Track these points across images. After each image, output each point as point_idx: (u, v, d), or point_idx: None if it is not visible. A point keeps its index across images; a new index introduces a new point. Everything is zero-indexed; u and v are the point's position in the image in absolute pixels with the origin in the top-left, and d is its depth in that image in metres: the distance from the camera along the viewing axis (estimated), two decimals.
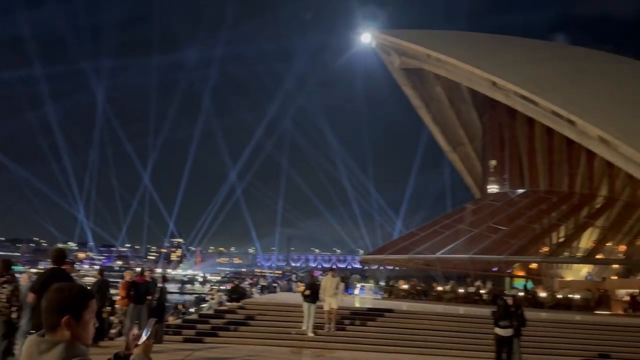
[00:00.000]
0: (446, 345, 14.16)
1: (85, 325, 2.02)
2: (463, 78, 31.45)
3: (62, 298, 2.02)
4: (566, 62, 31.50)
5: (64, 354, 1.91)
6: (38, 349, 1.94)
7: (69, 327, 1.96)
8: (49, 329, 1.99)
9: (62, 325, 1.96)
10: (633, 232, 30.50)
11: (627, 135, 23.66)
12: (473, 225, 30.51)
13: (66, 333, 1.96)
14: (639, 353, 14.58)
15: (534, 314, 18.13)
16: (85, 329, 2.02)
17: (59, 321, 1.97)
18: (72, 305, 2.00)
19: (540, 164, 33.47)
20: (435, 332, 15.20)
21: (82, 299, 2.04)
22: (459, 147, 40.23)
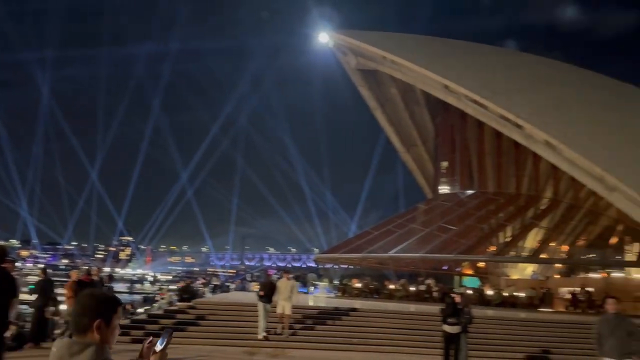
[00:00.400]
0: (397, 342, 14.38)
1: (114, 329, 2.15)
2: (417, 80, 32.07)
3: (94, 303, 2.14)
4: (515, 68, 32.66)
5: (95, 356, 2.03)
6: (69, 351, 2.04)
7: (99, 331, 2.08)
8: (80, 332, 2.09)
9: (93, 328, 2.08)
10: (575, 233, 31.93)
11: (571, 139, 24.74)
12: (425, 225, 31.18)
13: (96, 336, 2.08)
14: (579, 349, 15.29)
15: (481, 311, 18.70)
16: (113, 333, 2.15)
17: (91, 324, 2.08)
18: (104, 310, 2.13)
19: (489, 166, 34.63)
20: (386, 329, 15.40)
21: (112, 305, 2.17)
22: (412, 148, 41.02)
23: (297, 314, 15.29)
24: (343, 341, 14.32)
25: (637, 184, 22.26)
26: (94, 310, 2.12)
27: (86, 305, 2.14)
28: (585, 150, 23.96)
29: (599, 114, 27.52)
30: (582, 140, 24.73)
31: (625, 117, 27.66)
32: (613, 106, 28.76)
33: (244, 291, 30.38)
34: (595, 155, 23.73)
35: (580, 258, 31.90)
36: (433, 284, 28.32)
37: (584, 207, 31.55)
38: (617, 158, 23.75)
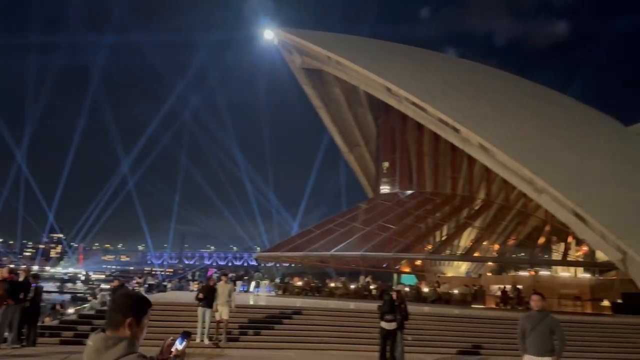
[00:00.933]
0: (336, 339, 14.55)
1: (142, 327, 2.38)
2: (360, 82, 32.55)
3: (128, 302, 2.40)
4: (453, 73, 33.86)
5: (128, 349, 2.25)
6: (105, 344, 2.27)
7: (130, 327, 2.31)
8: (113, 327, 2.32)
9: (125, 325, 2.31)
10: (506, 233, 33.53)
11: (504, 143, 25.91)
12: (365, 224, 31.70)
13: (127, 332, 2.31)
14: (507, 344, 16.06)
15: (417, 308, 19.27)
16: (142, 330, 2.38)
17: (123, 321, 2.31)
18: (135, 309, 2.37)
19: (427, 167, 35.71)
20: (326, 327, 15.55)
21: (143, 305, 2.42)
22: (355, 148, 41.62)
23: (238, 313, 15.14)
24: (283, 340, 14.32)
25: (564, 187, 23.63)
26: (127, 309, 2.36)
27: (120, 304, 2.40)
28: (516, 154, 25.15)
29: (529, 119, 28.99)
30: (513, 144, 25.94)
31: (553, 123, 29.30)
32: (542, 112, 30.40)
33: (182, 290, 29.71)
34: (526, 158, 24.97)
35: (510, 257, 33.51)
36: (371, 281, 28.86)
37: (514, 208, 33.17)
38: (546, 162, 25.11)
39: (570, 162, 25.57)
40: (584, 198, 23.24)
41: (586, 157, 26.15)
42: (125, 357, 2.25)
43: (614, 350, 16.05)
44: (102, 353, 2.26)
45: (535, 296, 6.88)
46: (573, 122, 30.56)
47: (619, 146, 28.76)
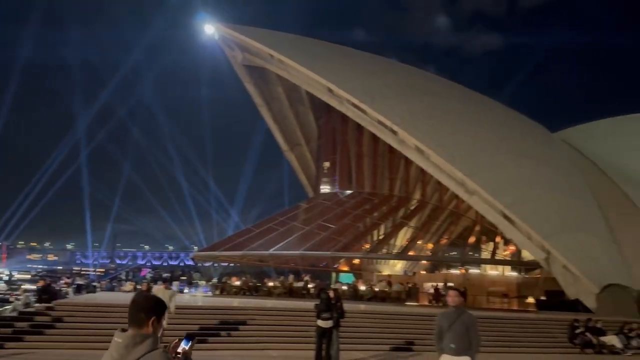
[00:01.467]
0: (272, 338, 14.51)
1: (161, 326, 2.69)
2: (302, 82, 32.62)
3: (149, 304, 2.69)
4: (392, 76, 34.62)
5: (153, 346, 2.55)
6: (134, 341, 2.55)
7: (152, 326, 2.62)
8: (137, 325, 2.61)
9: (149, 323, 2.61)
10: (439, 232, 34.69)
11: (439, 146, 26.85)
12: (305, 223, 31.79)
13: (150, 329, 2.61)
14: None
15: (354, 306, 19.56)
16: (160, 328, 2.68)
17: (147, 321, 2.61)
18: (156, 310, 2.67)
19: (366, 168, 36.33)
20: (263, 326, 15.47)
21: (162, 307, 2.74)
22: (296, 147, 41.61)
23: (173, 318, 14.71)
24: (218, 340, 14.10)
25: (493, 189, 24.80)
26: (149, 309, 2.66)
27: (142, 305, 2.68)
28: (450, 157, 26.13)
29: (463, 124, 30.19)
30: (447, 147, 26.92)
31: (484, 128, 30.68)
32: (475, 118, 31.74)
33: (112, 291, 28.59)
34: (459, 161, 25.99)
35: (443, 255, 34.72)
36: (310, 280, 29.00)
37: (447, 209, 34.38)
38: (477, 165, 26.24)
39: (500, 166, 26.87)
40: (512, 200, 24.50)
41: (515, 161, 27.59)
42: (152, 352, 2.56)
43: (537, 345, 17.02)
44: (131, 349, 2.55)
45: (452, 292, 6.37)
46: (504, 127, 32.13)
47: (545, 151, 30.56)
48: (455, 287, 6.83)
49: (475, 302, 29.67)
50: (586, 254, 22.78)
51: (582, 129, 34.82)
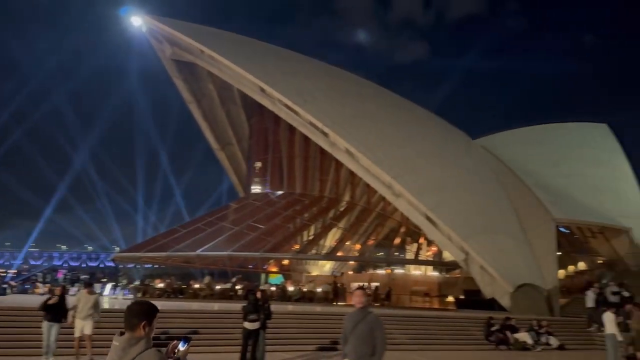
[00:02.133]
0: (196, 341, 14.17)
1: (153, 329, 3.01)
2: (234, 80, 32.16)
3: (141, 309, 3.03)
4: (325, 79, 34.95)
5: (145, 345, 2.89)
6: (129, 343, 2.89)
7: (144, 329, 2.95)
8: (131, 329, 2.96)
9: (140, 327, 2.95)
10: (367, 233, 35.49)
11: (368, 149, 27.43)
12: (234, 223, 31.39)
13: (142, 332, 2.94)
14: None
15: (281, 306, 19.54)
16: (152, 331, 3.00)
17: (139, 325, 2.95)
18: (147, 314, 3.01)
19: (297, 169, 36.46)
20: (187, 329, 15.07)
21: (153, 312, 3.06)
22: (227, 146, 40.94)
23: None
24: None
25: (417, 192, 25.70)
26: (142, 314, 3.02)
27: (136, 311, 3.04)
28: (378, 160, 26.79)
29: (391, 128, 31.05)
30: (376, 150, 27.57)
31: (411, 133, 31.71)
32: (403, 123, 32.75)
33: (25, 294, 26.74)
34: (386, 165, 26.70)
35: (370, 256, 35.53)
36: (238, 281, 28.66)
37: (375, 211, 35.26)
38: (404, 169, 27.08)
39: (424, 170, 27.89)
40: (434, 203, 25.51)
41: (438, 166, 28.75)
42: (146, 351, 2.91)
43: (455, 342, 17.82)
44: (127, 350, 2.91)
45: (357, 292, 5.86)
46: (429, 133, 33.37)
47: (466, 157, 32.07)
48: (361, 286, 6.26)
49: (399, 301, 30.65)
50: (502, 255, 24.15)
51: (500, 137, 36.92)
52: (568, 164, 32.30)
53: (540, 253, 24.83)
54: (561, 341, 18.37)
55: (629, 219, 29.89)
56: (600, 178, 32.28)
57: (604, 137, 35.97)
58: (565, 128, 37.37)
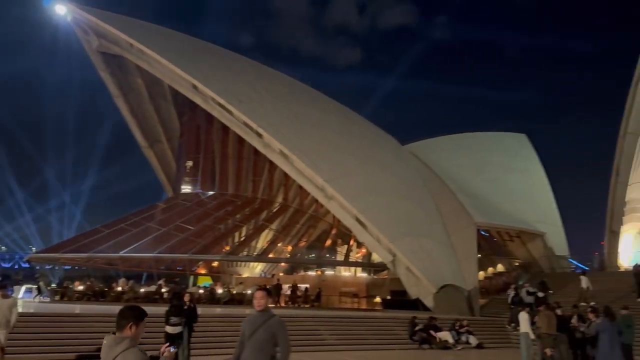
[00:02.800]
0: None
1: (140, 330, 3.38)
2: (165, 75, 31.19)
3: (130, 312, 3.41)
4: (261, 79, 34.72)
5: (129, 344, 3.25)
6: (115, 341, 3.29)
7: (131, 330, 3.33)
8: (120, 329, 3.35)
9: (127, 328, 3.33)
10: (299, 235, 35.59)
11: (302, 152, 27.55)
12: (162, 224, 30.46)
13: (129, 333, 3.32)
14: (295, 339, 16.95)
15: (209, 309, 19.17)
16: (139, 332, 3.37)
17: (127, 325, 3.33)
18: (135, 317, 3.38)
19: (230, 169, 35.99)
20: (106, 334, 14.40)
21: (140, 315, 3.42)
22: (156, 143, 39.57)
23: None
24: (53, 350, 12.82)
25: (349, 195, 26.12)
26: (129, 316, 3.37)
27: (125, 313, 3.40)
28: (312, 163, 26.98)
29: (325, 131, 31.39)
30: (310, 153, 27.76)
31: (343, 137, 32.21)
32: (336, 127, 33.20)
33: None
34: (319, 167, 26.95)
35: (301, 257, 35.68)
36: (164, 284, 27.80)
37: (307, 212, 35.46)
38: (336, 172, 27.44)
39: (356, 173, 28.41)
40: (365, 206, 26.06)
41: (369, 170, 29.39)
42: (128, 350, 3.24)
43: (381, 341, 18.27)
44: (113, 347, 3.27)
45: (258, 293, 5.22)
46: (361, 137, 34.04)
47: (395, 162, 33.03)
48: (263, 287, 5.46)
49: (329, 302, 30.97)
50: (427, 257, 25.05)
51: (427, 143, 38.34)
52: (489, 171, 34.14)
53: (462, 255, 25.99)
54: (480, 340, 19.31)
55: (543, 224, 32.05)
56: (519, 185, 34.42)
57: (522, 147, 38.33)
58: (487, 137, 39.48)
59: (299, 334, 17.54)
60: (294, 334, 17.39)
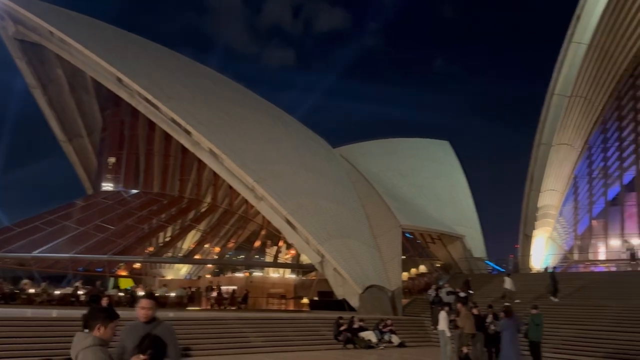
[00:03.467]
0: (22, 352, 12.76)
1: (108, 331, 3.56)
2: (88, 67, 29.65)
3: (99, 313, 3.63)
4: (191, 76, 33.89)
5: (94, 342, 3.49)
6: (83, 337, 3.53)
7: (99, 330, 3.54)
8: (90, 328, 3.57)
9: (95, 328, 3.55)
10: (227, 236, 35.01)
11: (232, 151, 27.17)
12: (80, 223, 28.97)
13: (97, 332, 3.54)
14: (221, 342, 16.74)
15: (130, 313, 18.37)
16: (107, 333, 3.56)
17: (94, 326, 3.55)
18: (103, 319, 3.58)
19: (156, 167, 34.84)
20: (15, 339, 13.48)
21: (109, 317, 3.61)
22: (76, 138, 37.42)
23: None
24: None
25: (279, 196, 26.10)
26: (98, 318, 3.55)
27: (92, 315, 3.59)
28: (242, 163, 26.69)
29: (257, 132, 31.18)
30: (240, 153, 27.45)
31: (274, 138, 32.19)
32: (267, 127, 33.09)
33: None
34: (250, 168, 26.72)
35: (229, 259, 35.15)
36: (81, 286, 26.38)
37: (237, 213, 35.02)
38: (267, 172, 27.32)
39: (287, 174, 28.46)
40: (295, 207, 26.16)
41: (299, 171, 29.55)
42: (90, 347, 3.43)
43: (307, 342, 18.39)
44: (79, 343, 3.47)
45: (143, 301, 4.56)
46: (291, 138, 34.14)
47: (325, 164, 33.42)
48: (149, 294, 4.93)
49: (256, 304, 30.79)
50: (353, 259, 25.54)
51: (357, 147, 39.12)
52: (415, 175, 35.46)
53: (388, 256, 26.76)
54: (402, 339, 19.95)
55: (463, 227, 33.69)
56: (442, 189, 36.01)
57: (446, 153, 40.12)
58: (413, 142, 40.95)
59: (225, 337, 17.31)
60: (220, 336, 17.20)
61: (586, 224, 38.72)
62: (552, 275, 23.59)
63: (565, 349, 17.07)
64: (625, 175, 38.26)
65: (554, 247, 37.16)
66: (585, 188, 38.90)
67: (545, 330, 14.72)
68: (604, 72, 35.61)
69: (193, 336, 16.16)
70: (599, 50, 33.75)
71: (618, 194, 38.27)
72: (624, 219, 37.35)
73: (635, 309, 19.33)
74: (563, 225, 38.14)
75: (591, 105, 36.45)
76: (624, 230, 37.02)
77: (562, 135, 34.89)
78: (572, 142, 36.37)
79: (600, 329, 17.94)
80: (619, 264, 34.09)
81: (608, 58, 34.93)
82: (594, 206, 38.62)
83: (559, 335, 17.85)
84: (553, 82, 33.61)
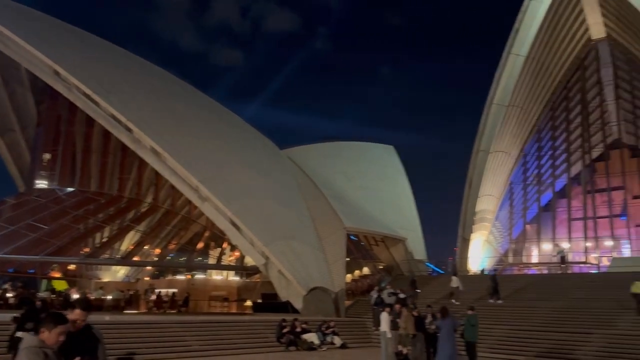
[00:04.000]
0: None
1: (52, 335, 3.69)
2: (22, 58, 27.96)
3: (48, 318, 3.78)
4: (134, 72, 32.81)
5: (30, 343, 3.62)
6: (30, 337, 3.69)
7: (42, 334, 3.69)
8: (36, 332, 3.73)
9: (40, 331, 3.72)
10: (169, 237, 34.09)
11: (176, 150, 26.45)
12: (10, 222, 27.35)
13: (40, 335, 3.69)
14: (159, 347, 16.23)
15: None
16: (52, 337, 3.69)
17: (40, 329, 3.71)
18: (49, 324, 3.72)
19: (93, 165, 33.46)
20: None
21: (53, 322, 3.74)
22: (8, 132, 35.29)
23: None
24: None
25: (224, 197, 25.68)
26: (45, 322, 3.76)
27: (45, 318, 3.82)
28: (186, 162, 26.04)
29: (202, 131, 30.57)
30: (185, 152, 26.79)
31: (220, 137, 31.69)
32: (213, 127, 32.53)
33: None
34: (194, 167, 26.12)
35: (170, 261, 34.26)
36: (10, 288, 24.91)
37: (179, 214, 34.19)
38: (211, 172, 26.84)
39: (232, 175, 28.09)
40: (240, 208, 25.83)
41: (245, 172, 29.23)
42: (26, 348, 3.55)
43: (249, 345, 18.20)
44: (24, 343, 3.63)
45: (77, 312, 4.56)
46: (238, 139, 33.75)
47: (271, 165, 33.27)
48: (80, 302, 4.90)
49: (198, 307, 30.16)
50: (298, 261, 25.53)
51: (304, 149, 39.24)
52: (360, 179, 35.94)
53: (332, 258, 26.95)
54: (344, 340, 20.14)
55: (405, 230, 34.47)
56: (386, 193, 36.70)
57: (390, 157, 40.92)
58: (359, 146, 41.54)
59: (163, 342, 16.83)
60: (158, 341, 16.70)
61: (520, 228, 40.69)
62: (493, 278, 24.56)
63: (499, 349, 17.79)
64: (557, 182, 40.56)
65: (490, 250, 38.76)
66: (520, 194, 40.88)
67: (481, 331, 15.29)
68: (540, 84, 37.60)
69: (129, 341, 15.62)
70: (535, 62, 35.60)
71: (550, 200, 40.49)
72: (556, 224, 39.53)
73: (563, 310, 20.48)
74: (499, 229, 39.89)
75: (527, 115, 38.38)
76: (555, 234, 39.20)
77: (499, 142, 36.50)
78: (508, 149, 38.14)
79: (531, 329, 18.83)
80: (550, 267, 35.96)
81: (544, 70, 36.90)
82: (528, 211, 40.67)
83: (494, 335, 18.60)
84: (492, 91, 35.12)
